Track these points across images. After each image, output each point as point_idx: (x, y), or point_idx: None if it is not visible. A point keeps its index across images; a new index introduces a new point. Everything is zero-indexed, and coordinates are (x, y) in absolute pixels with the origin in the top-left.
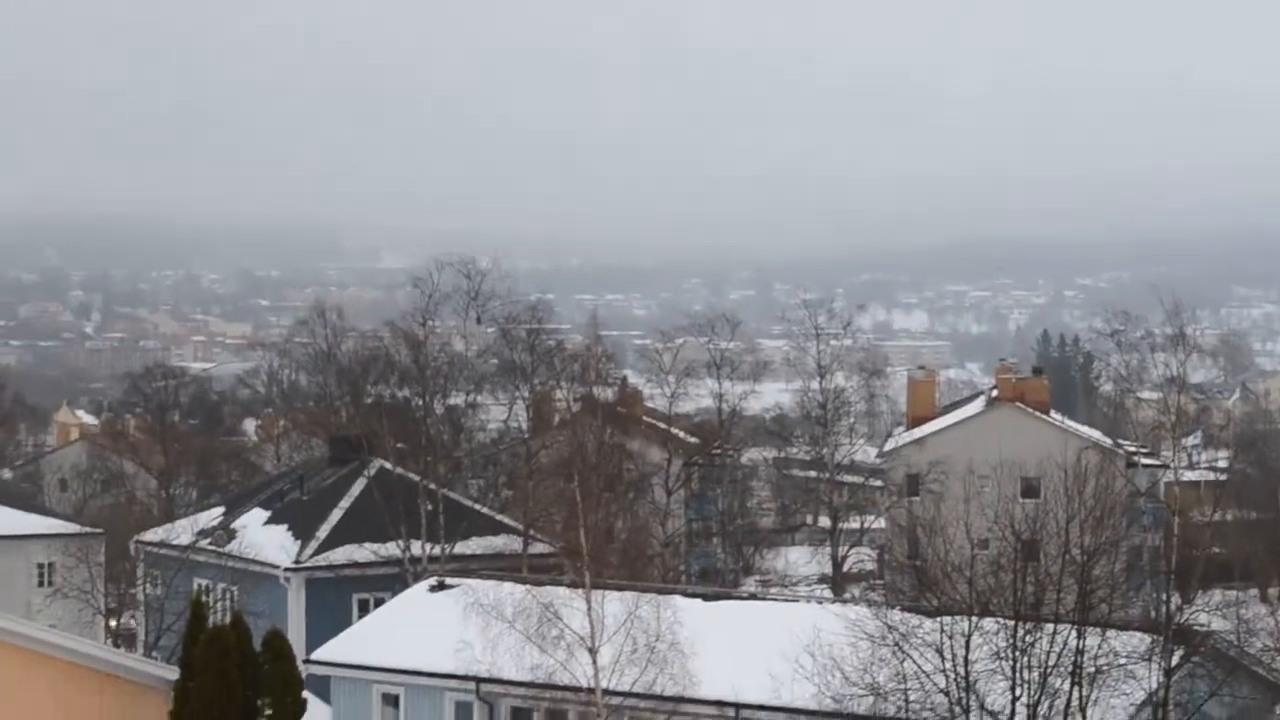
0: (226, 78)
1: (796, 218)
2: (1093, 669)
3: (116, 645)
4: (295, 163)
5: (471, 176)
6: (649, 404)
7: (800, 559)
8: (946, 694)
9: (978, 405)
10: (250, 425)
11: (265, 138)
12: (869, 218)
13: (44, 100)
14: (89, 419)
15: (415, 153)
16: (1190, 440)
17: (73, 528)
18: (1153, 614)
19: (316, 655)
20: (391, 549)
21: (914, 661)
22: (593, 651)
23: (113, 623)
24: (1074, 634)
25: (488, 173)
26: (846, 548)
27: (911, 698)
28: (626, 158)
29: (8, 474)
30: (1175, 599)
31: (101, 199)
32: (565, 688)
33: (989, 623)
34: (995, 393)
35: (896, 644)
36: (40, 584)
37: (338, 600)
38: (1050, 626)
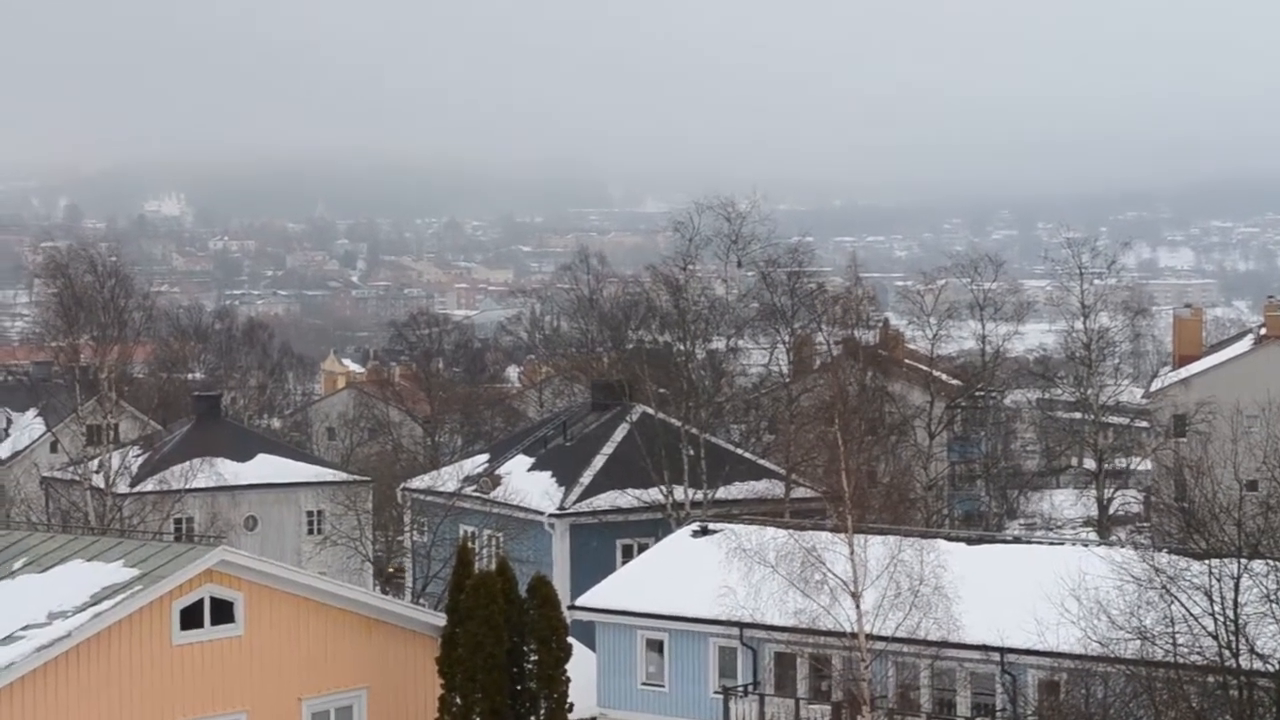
0: (488, 32)
1: (1057, 154)
2: None
3: (385, 592)
4: (557, 110)
5: (734, 123)
6: (910, 346)
7: (1065, 501)
8: (1215, 637)
9: (1245, 344)
10: (513, 372)
11: (521, 84)
12: (1133, 153)
13: (316, 58)
14: (355, 367)
15: (678, 99)
16: None
17: (341, 476)
18: None
19: (581, 601)
20: (654, 494)
21: (1182, 605)
22: (856, 596)
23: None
24: None
25: (749, 118)
26: (1112, 490)
27: (1179, 641)
28: (885, 100)
29: (277, 423)
30: None
31: (366, 150)
32: (828, 632)
33: (1259, 565)
34: (1263, 331)
35: (1164, 587)
36: (310, 531)
37: (601, 546)
38: None
